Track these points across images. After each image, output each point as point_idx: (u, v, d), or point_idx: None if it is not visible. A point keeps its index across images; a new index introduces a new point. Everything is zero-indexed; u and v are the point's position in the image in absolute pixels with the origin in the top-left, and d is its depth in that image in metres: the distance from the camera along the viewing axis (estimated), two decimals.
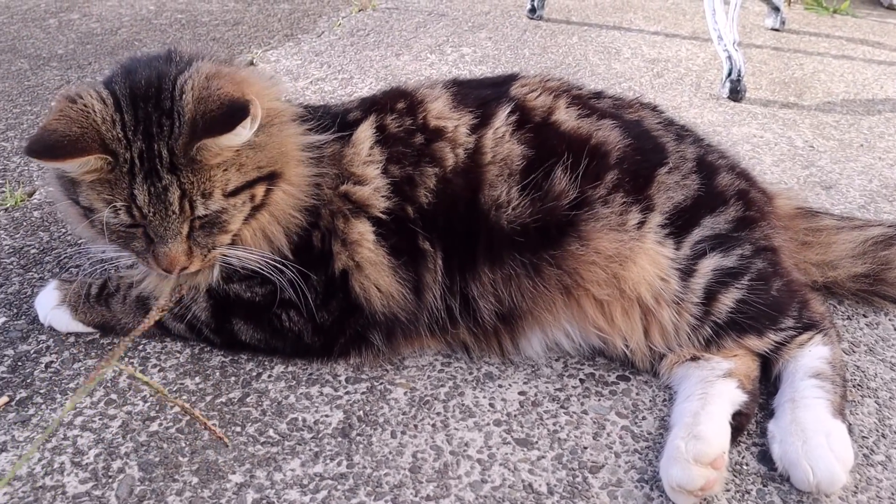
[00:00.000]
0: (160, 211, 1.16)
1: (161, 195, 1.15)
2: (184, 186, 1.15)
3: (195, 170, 1.15)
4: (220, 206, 1.18)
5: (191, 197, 1.16)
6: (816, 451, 1.14)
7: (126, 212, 1.16)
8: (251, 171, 1.21)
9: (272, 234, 1.27)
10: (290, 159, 1.26)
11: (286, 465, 1.15)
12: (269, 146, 1.23)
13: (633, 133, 1.41)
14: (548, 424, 1.26)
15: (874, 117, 2.70)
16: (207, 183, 1.16)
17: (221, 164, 1.17)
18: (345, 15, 3.52)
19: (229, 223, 1.21)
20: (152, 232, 1.18)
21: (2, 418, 1.21)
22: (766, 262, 1.36)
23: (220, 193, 1.17)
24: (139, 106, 1.16)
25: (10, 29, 3.09)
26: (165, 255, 1.18)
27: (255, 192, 1.22)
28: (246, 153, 1.20)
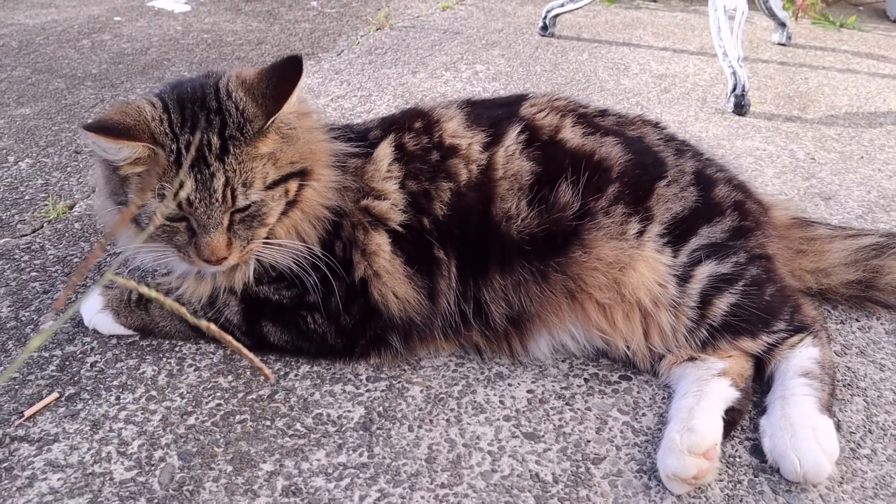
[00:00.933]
0: (205, 198, 1.26)
1: (207, 182, 1.26)
2: (228, 175, 1.26)
3: (239, 159, 1.27)
4: (259, 197, 1.30)
5: (233, 186, 1.27)
6: (804, 444, 1.23)
7: (173, 200, 1.27)
8: (285, 165, 1.32)
9: (304, 231, 1.38)
10: (319, 159, 1.39)
11: (312, 456, 1.26)
12: (301, 142, 1.35)
13: (634, 149, 1.51)
14: (554, 420, 1.36)
15: (876, 130, 2.78)
16: (249, 174, 1.28)
17: (262, 156, 1.29)
18: (363, 34, 3.65)
19: (267, 216, 1.33)
20: (196, 221, 1.29)
21: (53, 412, 1.32)
22: (760, 269, 1.45)
23: (261, 185, 1.29)
24: (186, 107, 1.30)
25: (46, 50, 3.24)
26: (207, 244, 1.29)
27: (289, 188, 1.34)
28: (281, 148, 1.32)
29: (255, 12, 3.97)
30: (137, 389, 1.38)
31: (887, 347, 1.58)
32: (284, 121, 1.32)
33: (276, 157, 1.31)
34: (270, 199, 1.32)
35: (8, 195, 2.04)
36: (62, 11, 3.83)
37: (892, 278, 1.62)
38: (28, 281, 1.67)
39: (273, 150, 1.31)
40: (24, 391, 1.36)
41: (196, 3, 4.10)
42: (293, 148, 1.34)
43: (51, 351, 1.46)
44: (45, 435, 1.27)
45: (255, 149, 1.29)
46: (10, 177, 2.14)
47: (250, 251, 1.35)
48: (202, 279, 1.43)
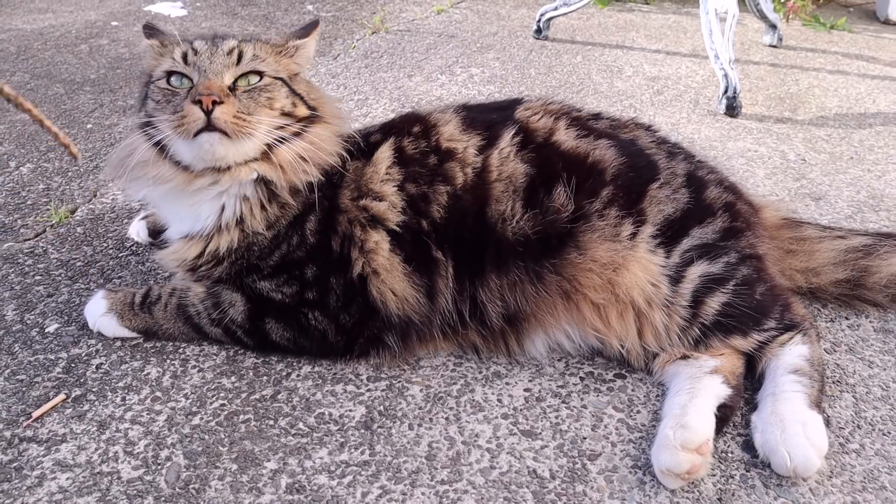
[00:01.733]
0: (210, 50, 1.42)
1: (217, 43, 1.45)
2: (241, 46, 1.45)
3: (260, 47, 1.47)
4: (266, 70, 1.43)
5: (241, 50, 1.43)
6: (793, 439, 1.26)
7: (182, 56, 1.43)
8: (301, 89, 1.49)
9: (305, 163, 1.43)
10: (329, 112, 1.52)
11: (315, 454, 1.29)
12: (315, 90, 1.54)
13: (627, 151, 1.55)
14: (550, 417, 1.39)
15: (865, 130, 2.82)
16: (262, 54, 1.46)
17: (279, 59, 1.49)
18: (359, 38, 3.68)
19: (274, 100, 1.43)
20: (198, 69, 1.40)
21: (61, 413, 1.35)
22: (750, 268, 1.48)
23: (271, 68, 1.45)
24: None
25: (44, 55, 3.26)
26: (202, 82, 1.37)
27: (297, 105, 1.46)
28: (300, 79, 1.52)
29: (251, 16, 3.99)
30: (143, 390, 1.41)
31: (875, 345, 1.62)
32: (301, 58, 1.54)
33: (295, 78, 1.50)
34: (278, 88, 1.44)
35: (10, 200, 2.06)
36: (59, 17, 3.85)
37: (879, 277, 1.65)
38: (32, 285, 1.70)
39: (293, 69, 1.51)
40: (32, 393, 1.39)
41: (192, 7, 4.13)
42: (310, 88, 1.53)
43: (57, 353, 1.49)
44: (53, 435, 1.30)
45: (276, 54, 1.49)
46: (12, 182, 2.17)
47: (248, 123, 1.37)
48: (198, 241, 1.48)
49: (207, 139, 1.36)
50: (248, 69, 1.41)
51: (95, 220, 1.98)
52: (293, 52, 1.52)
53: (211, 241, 1.47)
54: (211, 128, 1.34)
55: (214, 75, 1.38)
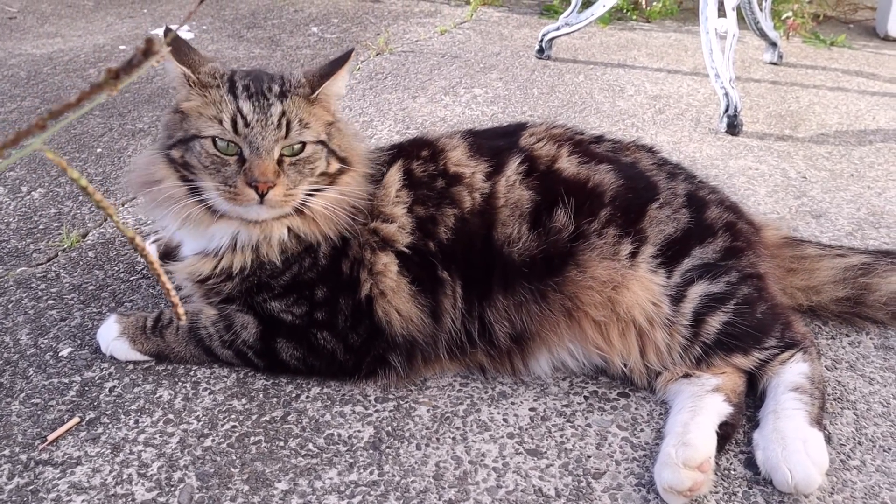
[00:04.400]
0: (262, 120, 1.39)
1: (265, 109, 1.40)
2: (285, 108, 1.42)
3: (299, 104, 1.44)
4: (312, 139, 1.44)
5: (289, 118, 1.41)
6: (794, 456, 1.28)
7: (231, 123, 1.39)
8: (334, 144, 1.50)
9: (337, 213, 1.47)
10: (357, 159, 1.54)
11: (325, 474, 1.31)
12: (345, 138, 1.53)
13: (627, 174, 1.58)
14: (555, 436, 1.41)
15: (865, 147, 2.85)
16: (306, 116, 1.44)
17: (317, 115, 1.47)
18: (364, 59, 3.73)
19: (315, 167, 1.45)
20: (249, 144, 1.39)
21: (75, 436, 1.38)
22: (751, 287, 1.51)
23: (315, 133, 1.45)
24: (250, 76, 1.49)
25: (54, 80, 3.32)
26: (259, 165, 1.38)
27: (331, 161, 1.48)
28: (333, 129, 1.50)
29: (257, 39, 4.05)
30: (155, 413, 1.44)
31: (876, 361, 1.64)
32: (330, 96, 1.51)
33: (329, 132, 1.49)
34: (318, 153, 1.46)
35: (22, 225, 2.10)
36: (68, 41, 3.92)
37: (879, 295, 1.68)
38: (45, 309, 1.73)
39: (326, 121, 1.48)
40: (47, 416, 1.42)
41: (199, 30, 4.19)
42: (341, 137, 1.52)
43: (70, 377, 1.52)
44: (68, 458, 1.33)
45: (310, 107, 1.46)
46: (24, 206, 2.21)
47: (294, 196, 1.42)
48: (211, 258, 1.51)
49: (255, 209, 1.42)
50: (295, 141, 1.42)
51: (107, 244, 2.02)
52: (324, 99, 1.49)
53: (223, 259, 1.50)
54: (265, 201, 1.40)
55: (266, 153, 1.38)
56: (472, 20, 4.57)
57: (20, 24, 4.23)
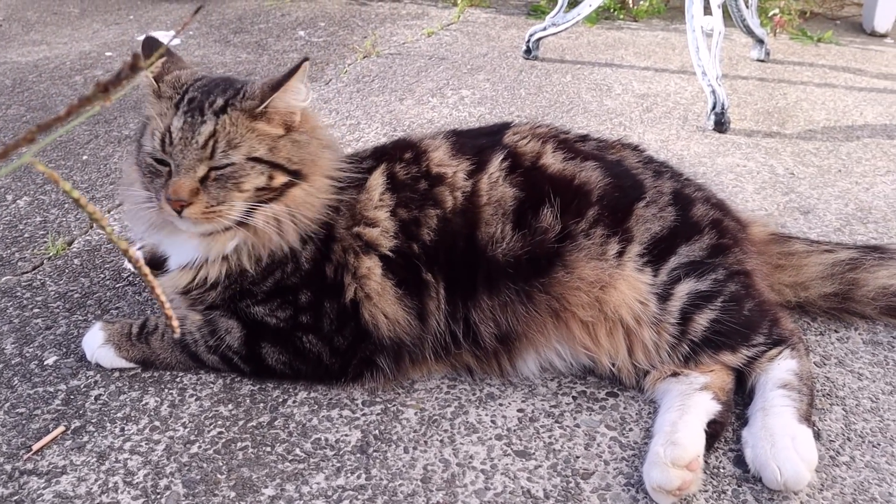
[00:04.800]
0: (187, 140, 1.39)
1: (196, 127, 1.39)
2: (216, 128, 1.39)
3: (235, 121, 1.40)
4: (241, 157, 1.40)
5: (217, 139, 1.39)
6: (783, 453, 1.28)
7: (160, 142, 1.40)
8: (281, 158, 1.44)
9: (282, 227, 1.45)
10: (318, 170, 1.49)
11: (312, 479, 1.31)
12: (305, 149, 1.47)
13: (613, 172, 1.57)
14: (544, 437, 1.41)
15: (853, 143, 2.86)
16: (238, 138, 1.40)
17: (260, 134, 1.42)
18: (350, 62, 3.72)
19: (242, 183, 1.41)
20: (173, 161, 1.40)
21: (60, 445, 1.37)
22: (738, 284, 1.50)
23: (244, 152, 1.40)
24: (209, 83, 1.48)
25: (39, 87, 3.30)
26: (174, 183, 1.38)
27: (275, 176, 1.43)
28: (284, 142, 1.44)
29: (244, 43, 4.04)
30: (141, 420, 1.43)
31: (865, 357, 1.64)
32: (280, 109, 1.44)
33: (276, 146, 1.43)
34: (250, 169, 1.41)
35: (8, 233, 2.09)
36: (54, 48, 3.90)
37: (867, 290, 1.68)
38: (30, 318, 1.72)
39: (273, 135, 1.43)
40: (31, 426, 1.41)
41: (185, 36, 4.17)
42: (296, 149, 1.46)
43: (56, 385, 1.51)
44: (54, 468, 1.32)
45: (252, 122, 1.42)
46: (9, 215, 2.19)
47: (218, 213, 1.41)
48: (189, 270, 1.51)
49: (183, 223, 1.43)
50: (220, 163, 1.39)
51: (92, 252, 2.00)
52: (272, 113, 1.44)
53: (201, 270, 1.50)
54: (183, 217, 1.40)
55: (187, 171, 1.38)
56: (460, 22, 4.57)
57: (5, 31, 4.21)
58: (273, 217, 1.44)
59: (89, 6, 4.81)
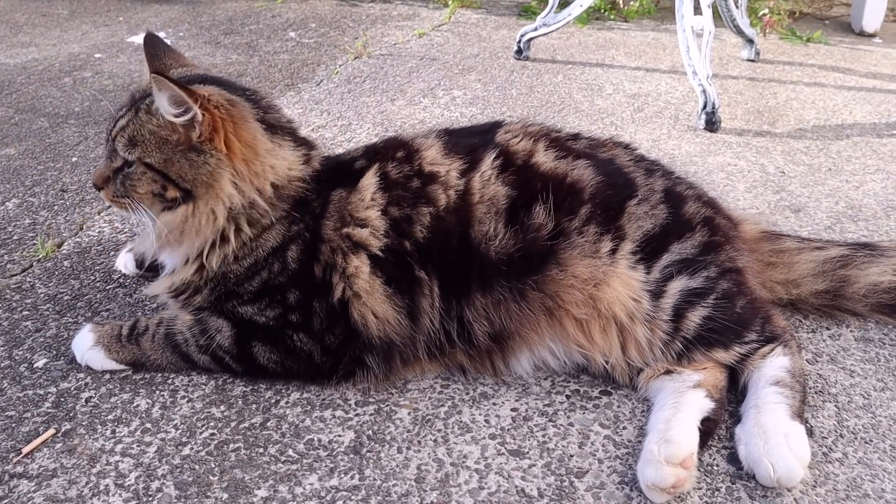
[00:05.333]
0: (109, 131, 1.50)
1: (114, 121, 1.49)
2: (125, 125, 1.46)
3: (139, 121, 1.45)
4: (132, 159, 1.45)
5: (117, 134, 1.46)
6: (776, 450, 1.28)
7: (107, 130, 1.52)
8: (173, 171, 1.44)
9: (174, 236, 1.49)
10: (214, 198, 1.46)
11: (305, 480, 1.30)
12: (201, 172, 1.44)
13: (605, 170, 1.57)
14: (538, 436, 1.41)
15: (842, 142, 2.87)
16: (138, 137, 1.45)
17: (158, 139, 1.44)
18: (341, 63, 3.72)
19: (136, 187, 1.46)
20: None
21: (51, 448, 1.36)
22: (730, 282, 1.51)
23: (138, 154, 1.45)
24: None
25: (28, 89, 3.28)
26: (97, 169, 1.52)
27: (169, 189, 1.46)
28: (179, 157, 1.44)
29: (234, 45, 4.03)
30: (132, 422, 1.42)
31: (856, 354, 1.64)
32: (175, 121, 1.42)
33: (170, 158, 1.44)
34: (142, 173, 1.45)
35: None
36: (42, 50, 3.88)
37: (858, 287, 1.68)
38: (20, 320, 1.71)
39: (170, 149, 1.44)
40: (21, 429, 1.39)
41: (175, 37, 4.16)
42: (189, 168, 1.44)
43: (46, 388, 1.50)
44: (44, 471, 1.30)
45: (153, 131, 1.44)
46: None
47: (121, 203, 1.50)
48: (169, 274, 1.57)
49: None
50: (119, 160, 1.47)
51: (82, 254, 1.99)
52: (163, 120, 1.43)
53: (177, 274, 1.54)
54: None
55: (104, 160, 1.51)
56: (451, 22, 4.57)
57: None
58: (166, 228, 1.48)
59: (78, 8, 4.79)
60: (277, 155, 1.51)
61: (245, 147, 1.46)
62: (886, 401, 1.51)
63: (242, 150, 1.46)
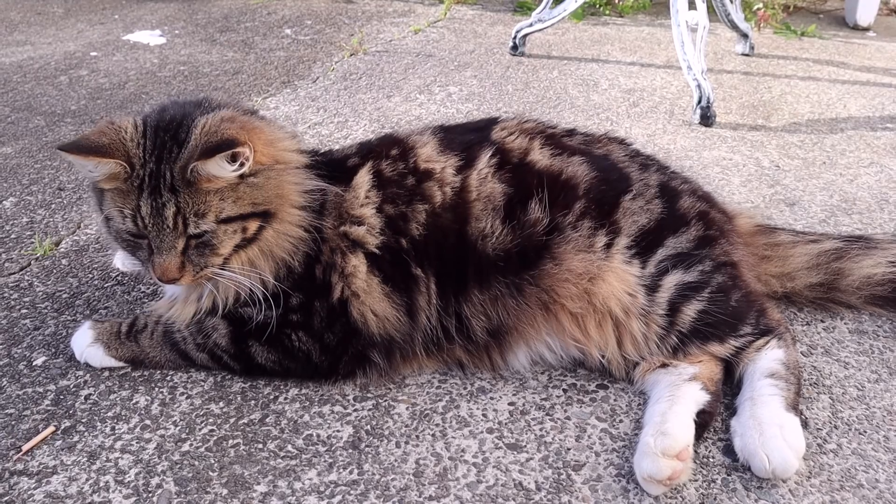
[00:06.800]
0: (158, 224, 1.36)
1: (160, 210, 1.35)
2: (179, 205, 1.35)
3: (191, 192, 1.35)
4: (211, 227, 1.37)
5: (185, 215, 1.36)
6: (772, 442, 1.29)
7: (132, 221, 1.37)
8: (246, 205, 1.39)
9: (259, 267, 1.45)
10: (286, 202, 1.45)
11: (304, 475, 1.31)
12: (268, 188, 1.42)
13: (599, 166, 1.58)
14: (535, 430, 1.42)
15: (837, 135, 2.88)
16: (202, 206, 1.36)
17: (217, 191, 1.36)
18: (337, 60, 3.72)
19: (219, 247, 1.40)
20: (153, 243, 1.39)
21: (51, 445, 1.36)
22: (725, 276, 1.52)
23: (213, 218, 1.37)
24: (160, 135, 1.38)
25: (24, 88, 3.28)
26: (160, 265, 1.38)
27: (248, 226, 1.41)
28: (244, 189, 1.39)
29: (230, 42, 4.03)
30: (132, 419, 1.43)
31: (851, 346, 1.66)
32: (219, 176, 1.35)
33: (238, 196, 1.38)
34: (223, 232, 1.39)
35: None
36: (38, 49, 3.87)
37: (852, 280, 1.69)
38: (18, 318, 1.71)
39: (231, 189, 1.37)
40: (21, 426, 1.40)
41: (171, 35, 4.16)
42: (258, 191, 1.40)
43: (45, 386, 1.50)
44: (44, 468, 1.31)
45: (199, 187, 1.35)
46: None
47: (203, 276, 1.42)
48: (188, 301, 1.51)
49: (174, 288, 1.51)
50: (193, 232, 1.36)
51: (80, 252, 2.00)
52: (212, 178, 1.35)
53: (205, 300, 1.51)
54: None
55: (168, 251, 1.37)
56: (446, 19, 4.57)
57: None
58: (248, 260, 1.43)
59: (73, 6, 4.78)
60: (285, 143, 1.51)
61: (267, 146, 1.43)
62: (880, 392, 1.52)
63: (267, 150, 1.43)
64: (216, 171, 1.34)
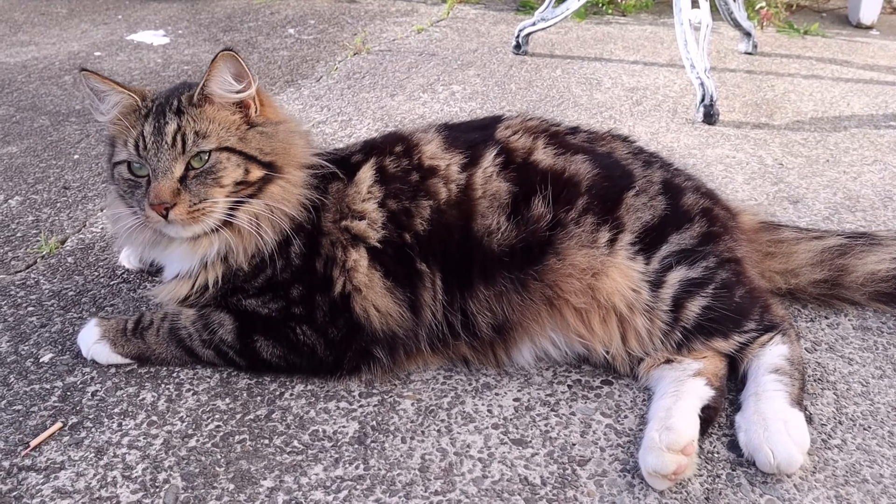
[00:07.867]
0: (157, 143, 1.42)
1: (161, 129, 1.42)
2: (181, 124, 1.42)
3: (196, 114, 1.44)
4: (212, 147, 1.42)
5: (185, 133, 1.42)
6: (776, 437, 1.30)
7: (134, 146, 1.44)
8: (252, 149, 1.46)
9: (261, 226, 1.47)
10: (292, 162, 1.51)
11: (311, 470, 1.31)
12: (276, 139, 1.50)
13: (602, 163, 1.59)
14: (540, 426, 1.42)
15: (840, 133, 2.88)
16: (206, 128, 1.43)
17: (223, 123, 1.44)
18: (341, 59, 3.73)
19: (222, 177, 1.43)
20: (150, 165, 1.42)
21: (58, 441, 1.37)
22: (729, 272, 1.52)
23: (216, 141, 1.43)
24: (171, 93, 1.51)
25: (29, 88, 3.29)
26: (155, 188, 1.41)
27: (251, 169, 1.46)
28: (252, 134, 1.47)
29: (234, 42, 4.04)
30: (138, 415, 1.43)
31: (855, 342, 1.66)
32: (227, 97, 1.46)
33: (245, 137, 1.46)
34: (226, 160, 1.44)
35: (0, 233, 2.09)
36: (42, 49, 3.88)
37: (856, 276, 1.70)
38: (25, 316, 1.72)
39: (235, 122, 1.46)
40: (29, 422, 1.41)
41: (175, 35, 4.17)
42: (267, 140, 1.49)
43: (52, 382, 1.51)
44: (52, 463, 1.32)
45: (204, 111, 1.44)
46: (1, 215, 2.19)
47: (202, 210, 1.43)
48: (187, 279, 1.53)
49: (171, 228, 1.45)
50: (193, 153, 1.42)
51: (86, 250, 2.00)
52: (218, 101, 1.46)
53: (199, 278, 1.52)
54: (170, 221, 1.42)
55: (164, 174, 1.41)
56: (449, 18, 4.58)
57: None
58: (254, 214, 1.46)
59: (77, 6, 4.80)
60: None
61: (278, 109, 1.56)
62: (884, 388, 1.52)
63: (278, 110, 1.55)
64: (221, 86, 1.42)
